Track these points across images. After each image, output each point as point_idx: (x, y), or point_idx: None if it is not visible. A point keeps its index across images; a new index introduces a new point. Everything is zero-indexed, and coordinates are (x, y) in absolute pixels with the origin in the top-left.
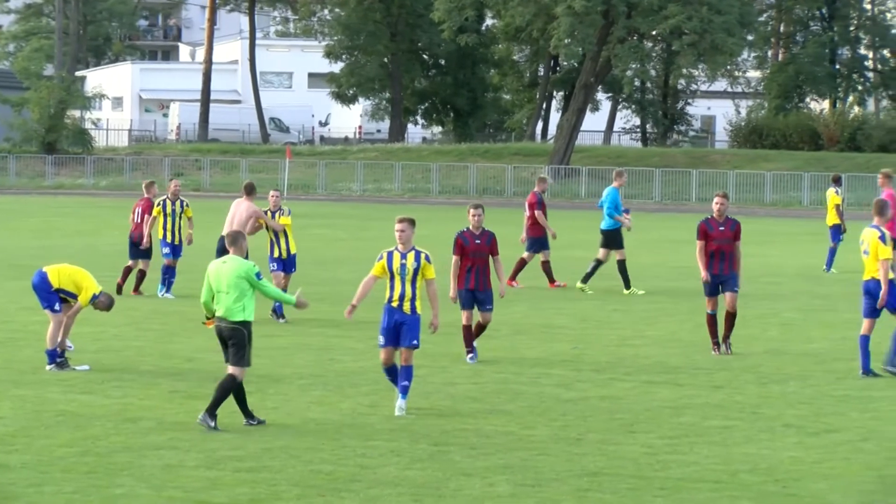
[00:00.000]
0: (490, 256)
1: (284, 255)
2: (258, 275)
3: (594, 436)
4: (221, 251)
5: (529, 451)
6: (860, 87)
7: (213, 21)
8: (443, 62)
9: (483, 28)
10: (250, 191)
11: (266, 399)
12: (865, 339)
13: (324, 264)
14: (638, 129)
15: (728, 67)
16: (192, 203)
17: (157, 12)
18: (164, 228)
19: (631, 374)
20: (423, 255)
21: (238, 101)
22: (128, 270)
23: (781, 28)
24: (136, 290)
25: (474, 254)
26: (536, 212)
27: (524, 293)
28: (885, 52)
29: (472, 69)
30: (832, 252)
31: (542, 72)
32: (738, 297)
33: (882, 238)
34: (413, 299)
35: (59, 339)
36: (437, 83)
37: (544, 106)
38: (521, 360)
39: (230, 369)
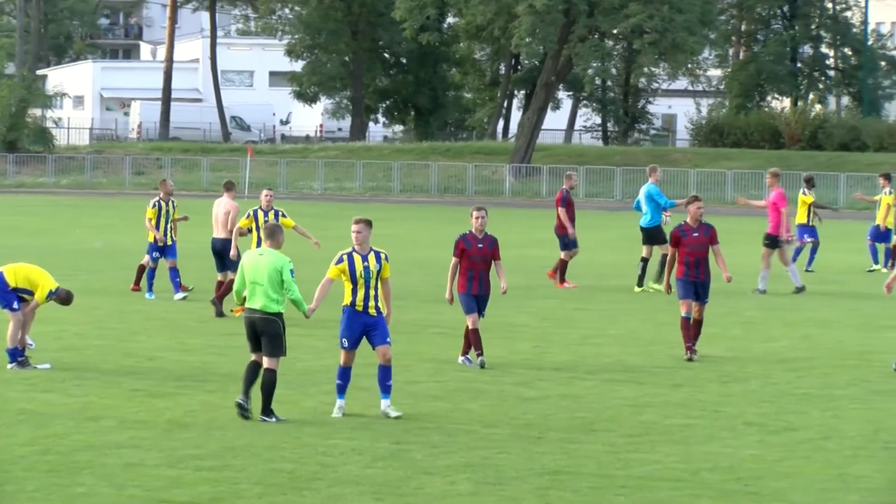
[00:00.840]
0: (492, 261)
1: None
2: (291, 272)
3: (555, 434)
4: (214, 252)
5: (491, 449)
6: (821, 86)
7: (174, 20)
8: (404, 61)
9: (444, 27)
10: (230, 188)
11: (228, 398)
12: None
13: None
14: (599, 128)
15: (689, 66)
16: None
17: (118, 11)
18: (158, 229)
19: (592, 373)
20: (382, 256)
21: (199, 100)
22: (142, 269)
23: (743, 27)
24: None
25: (476, 258)
26: (560, 209)
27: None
28: (847, 51)
29: (434, 68)
30: (813, 250)
31: (503, 70)
32: (705, 309)
33: None
34: (376, 299)
35: (19, 338)
36: (399, 82)
37: (505, 104)
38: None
39: (266, 362)
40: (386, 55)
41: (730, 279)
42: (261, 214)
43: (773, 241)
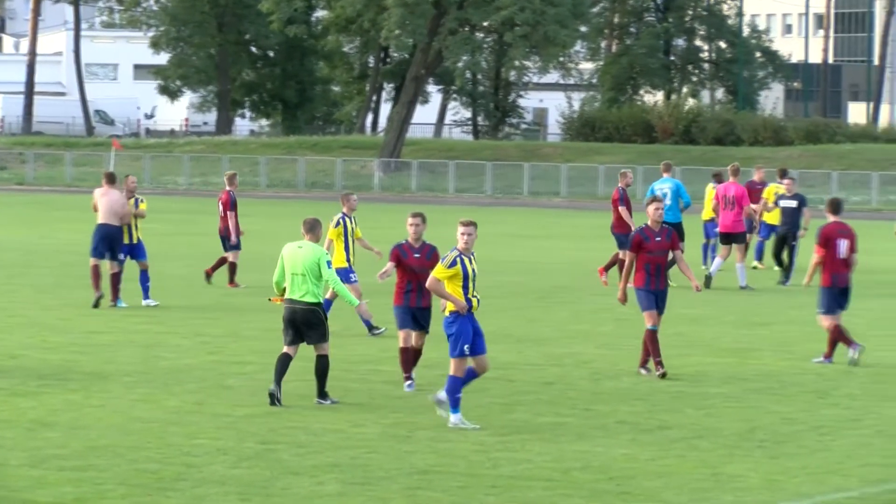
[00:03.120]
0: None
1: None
2: (329, 263)
3: (424, 433)
4: (104, 239)
5: (359, 448)
6: (695, 79)
7: (37, 12)
8: (271, 54)
9: (313, 19)
10: (112, 180)
11: (91, 397)
12: None
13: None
14: (469, 122)
15: (561, 59)
16: (14, 197)
17: None
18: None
19: (429, 366)
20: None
21: (62, 94)
22: (221, 262)
23: (615, 19)
24: (231, 282)
25: (414, 268)
26: (621, 208)
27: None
28: (721, 43)
29: (301, 61)
30: (760, 245)
31: (372, 63)
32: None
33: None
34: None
35: None
36: (265, 75)
37: (374, 98)
38: (351, 358)
39: (317, 349)
40: (253, 48)
41: (699, 289)
42: (348, 221)
43: (730, 238)
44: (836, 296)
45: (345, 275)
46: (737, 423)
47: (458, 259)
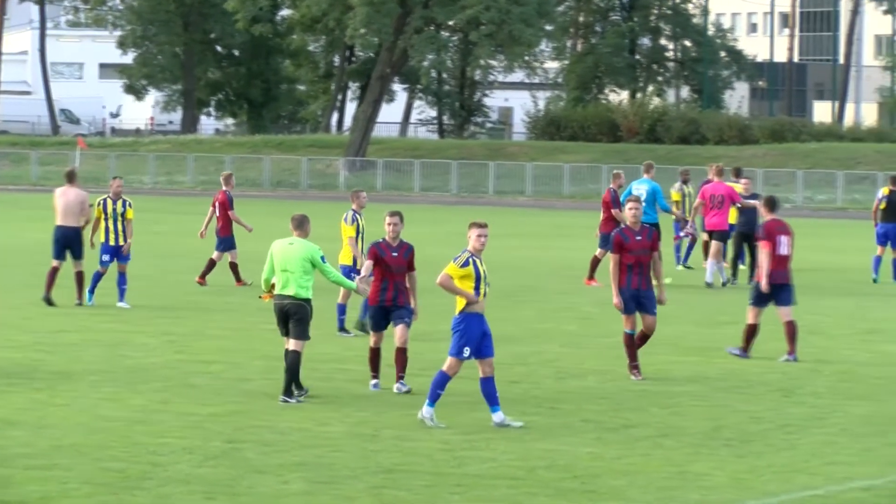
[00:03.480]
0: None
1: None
2: (323, 258)
3: (390, 432)
4: (59, 241)
5: (324, 447)
6: (660, 78)
7: (2, 10)
8: (236, 53)
9: (278, 18)
10: (71, 178)
11: (56, 396)
12: None
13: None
14: (435, 121)
15: (526, 58)
16: None
17: None
18: (107, 231)
19: (427, 370)
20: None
21: (28, 93)
22: (210, 266)
23: (581, 18)
24: (238, 281)
25: (391, 267)
26: (614, 210)
27: (316, 287)
28: (687, 42)
29: (267, 60)
30: (690, 245)
31: (337, 62)
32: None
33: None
34: None
35: None
36: (231, 74)
37: (340, 97)
38: (316, 356)
39: (292, 344)
40: (218, 47)
41: (664, 302)
42: (360, 218)
43: (721, 236)
44: (776, 290)
45: (347, 273)
46: (702, 422)
47: (470, 260)
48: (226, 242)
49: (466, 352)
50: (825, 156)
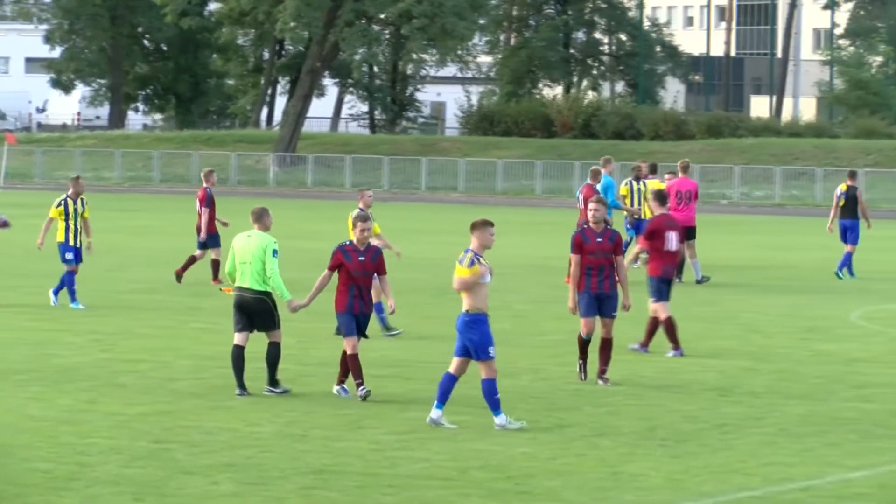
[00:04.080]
0: (375, 275)
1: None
2: (275, 252)
3: (320, 432)
4: None
5: (254, 448)
6: (595, 73)
7: None
8: (164, 47)
9: (206, 12)
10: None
11: None
12: None
13: (37, 256)
14: (366, 116)
15: (459, 52)
16: None
17: None
18: (67, 231)
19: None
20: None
21: None
22: (190, 261)
23: (514, 12)
24: (216, 279)
25: (357, 272)
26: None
27: None
28: (622, 36)
29: (195, 54)
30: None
31: (267, 56)
32: (614, 324)
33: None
34: None
35: None
36: (159, 69)
37: (269, 92)
38: (245, 355)
39: (268, 337)
40: (146, 41)
41: (629, 307)
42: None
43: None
44: (667, 285)
45: None
46: (637, 422)
47: (475, 259)
48: (211, 239)
49: (492, 351)
50: (762, 151)
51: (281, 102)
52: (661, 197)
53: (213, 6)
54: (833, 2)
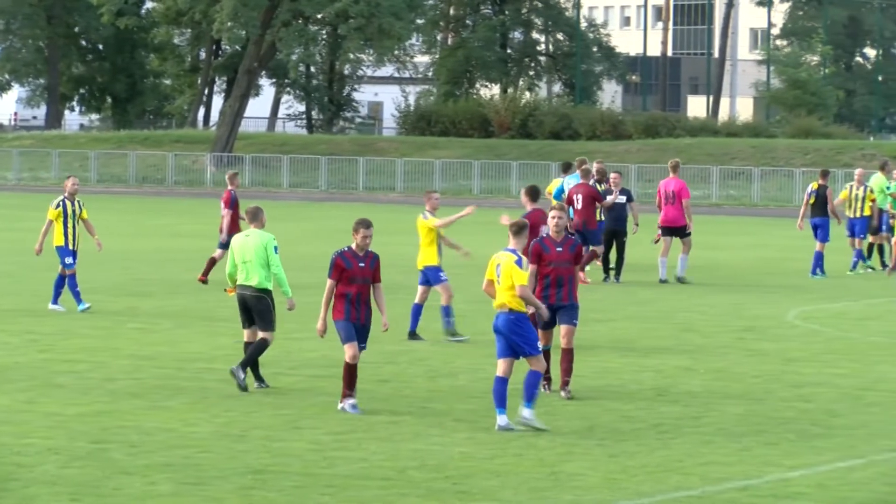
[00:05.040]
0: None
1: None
2: (276, 248)
3: (258, 432)
4: None
5: (192, 448)
6: (532, 73)
7: None
8: (101, 47)
9: (143, 11)
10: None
11: None
12: None
13: None
14: (303, 116)
15: (396, 52)
16: None
17: None
18: (66, 234)
19: (296, 368)
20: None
21: None
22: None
23: (451, 11)
24: (204, 275)
25: (357, 279)
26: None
27: (183, 285)
28: (559, 36)
29: (132, 54)
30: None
31: (203, 56)
32: (574, 332)
33: (518, 262)
34: None
35: None
36: (95, 69)
37: (206, 91)
38: (182, 355)
39: (261, 334)
40: (82, 41)
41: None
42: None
43: (671, 231)
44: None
45: (434, 273)
46: (575, 422)
47: (521, 260)
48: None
49: (541, 346)
50: (699, 151)
51: (218, 102)
52: (533, 192)
53: (149, 6)
54: (769, 1)
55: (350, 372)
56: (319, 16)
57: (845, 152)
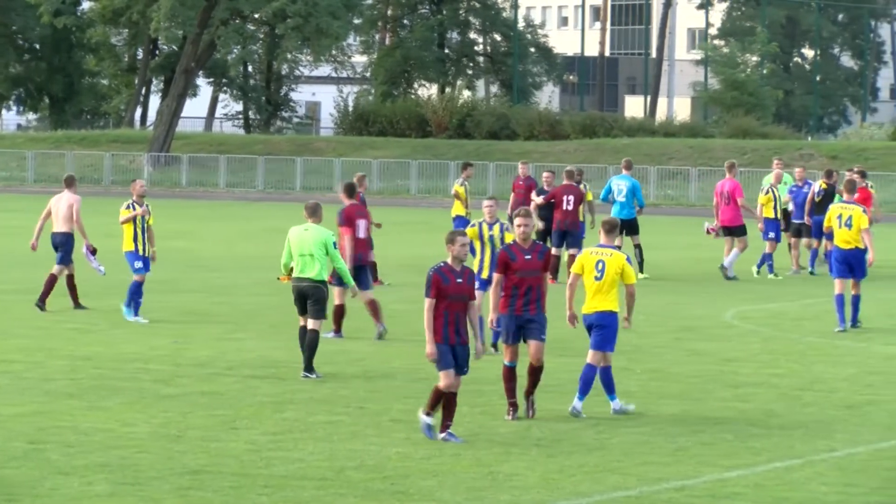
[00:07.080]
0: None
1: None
2: (335, 244)
3: (195, 432)
4: (58, 246)
5: (129, 448)
6: (470, 73)
7: None
8: (37, 46)
9: (80, 11)
10: (71, 183)
11: None
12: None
13: None
14: (240, 116)
15: (333, 52)
16: None
17: None
18: (136, 239)
19: (233, 369)
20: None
21: None
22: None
23: (389, 11)
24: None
25: (454, 297)
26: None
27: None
28: (496, 37)
29: (69, 54)
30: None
31: (140, 56)
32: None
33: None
34: None
35: None
36: (32, 68)
37: (143, 91)
38: (119, 356)
39: (311, 324)
40: (19, 41)
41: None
42: (485, 228)
43: (729, 231)
44: (358, 271)
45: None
46: (512, 422)
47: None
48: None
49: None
50: (637, 151)
51: (155, 102)
52: (349, 188)
53: (86, 5)
54: (707, 2)
55: (448, 400)
56: (257, 15)
57: (783, 152)
